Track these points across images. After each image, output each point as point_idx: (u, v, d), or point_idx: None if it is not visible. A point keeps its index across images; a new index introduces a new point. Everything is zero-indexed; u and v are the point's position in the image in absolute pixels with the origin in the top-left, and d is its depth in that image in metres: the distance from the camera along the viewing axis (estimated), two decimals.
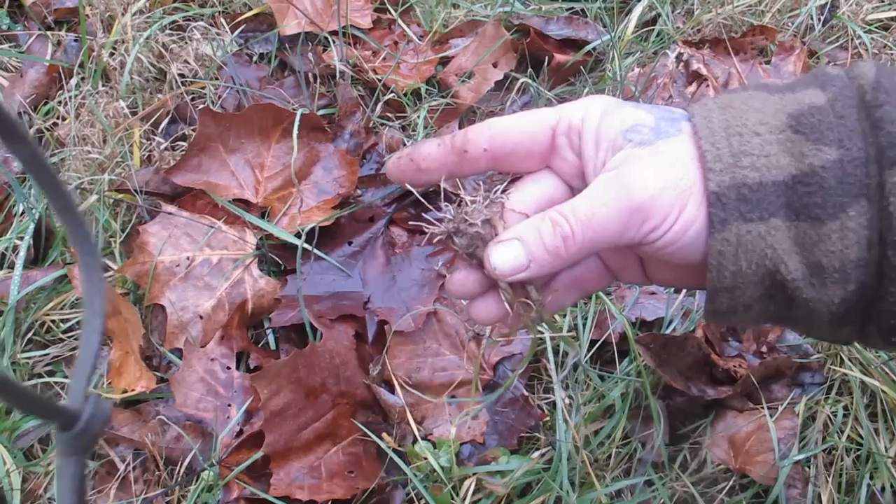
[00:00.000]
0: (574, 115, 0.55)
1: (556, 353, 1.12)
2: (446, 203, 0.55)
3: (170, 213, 1.26)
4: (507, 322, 0.57)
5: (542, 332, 0.56)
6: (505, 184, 0.56)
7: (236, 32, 1.58)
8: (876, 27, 1.62)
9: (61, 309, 1.22)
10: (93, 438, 0.37)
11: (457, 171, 0.57)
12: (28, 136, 0.35)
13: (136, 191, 1.30)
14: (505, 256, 0.51)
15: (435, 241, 0.56)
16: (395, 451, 1.07)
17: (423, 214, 0.57)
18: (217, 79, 1.51)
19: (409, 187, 0.58)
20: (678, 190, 0.49)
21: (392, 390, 1.13)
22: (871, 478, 1.04)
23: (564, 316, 1.17)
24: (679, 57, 1.52)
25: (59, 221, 1.28)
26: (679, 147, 0.51)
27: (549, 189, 0.57)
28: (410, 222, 1.29)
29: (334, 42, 1.53)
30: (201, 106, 1.45)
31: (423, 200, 0.63)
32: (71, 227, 0.40)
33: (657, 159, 0.50)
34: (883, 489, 1.03)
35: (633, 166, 0.50)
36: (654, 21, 1.64)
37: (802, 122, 0.49)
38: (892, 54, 1.56)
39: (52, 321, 1.21)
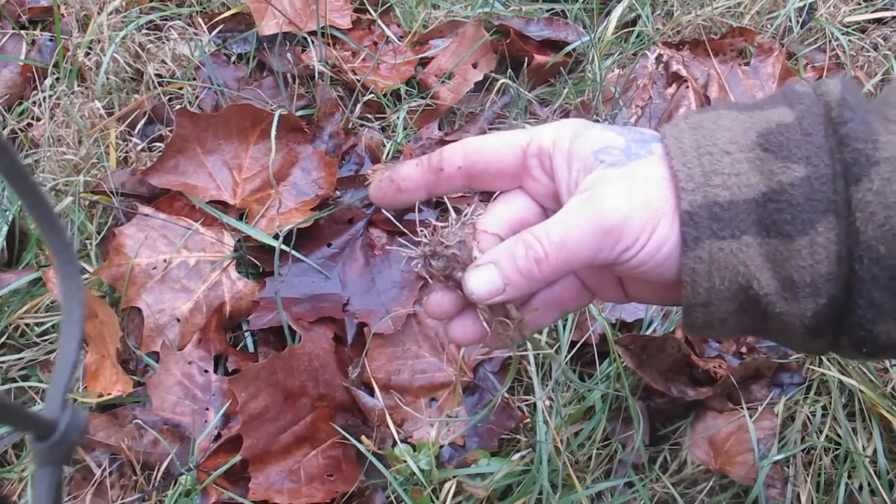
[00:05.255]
0: (544, 138, 0.55)
1: (536, 355, 1.11)
2: (422, 228, 0.56)
3: (146, 215, 1.24)
4: (486, 341, 0.57)
5: (524, 347, 0.57)
6: (474, 205, 0.57)
7: (214, 32, 1.57)
8: (853, 29, 1.63)
9: (36, 312, 1.20)
10: (70, 448, 0.37)
11: (434, 190, 0.58)
12: (6, 143, 0.35)
13: (111, 192, 1.28)
14: (481, 281, 0.52)
15: (412, 264, 0.57)
16: (374, 454, 1.06)
17: (399, 239, 0.59)
18: (194, 79, 1.49)
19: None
20: (650, 210, 0.50)
21: (371, 393, 1.12)
22: (850, 477, 1.05)
23: None
24: (659, 58, 1.53)
25: (37, 229, 1.27)
26: (650, 168, 0.52)
27: (521, 209, 0.58)
28: (388, 245, 1.29)
29: (313, 42, 1.52)
30: (178, 106, 1.44)
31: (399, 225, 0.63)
32: (49, 235, 0.40)
33: (629, 180, 0.51)
34: (861, 488, 1.04)
35: (606, 187, 0.51)
36: (633, 22, 1.64)
37: (771, 140, 0.50)
38: (869, 56, 1.57)
39: (27, 324, 1.19)
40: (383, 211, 0.86)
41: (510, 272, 0.52)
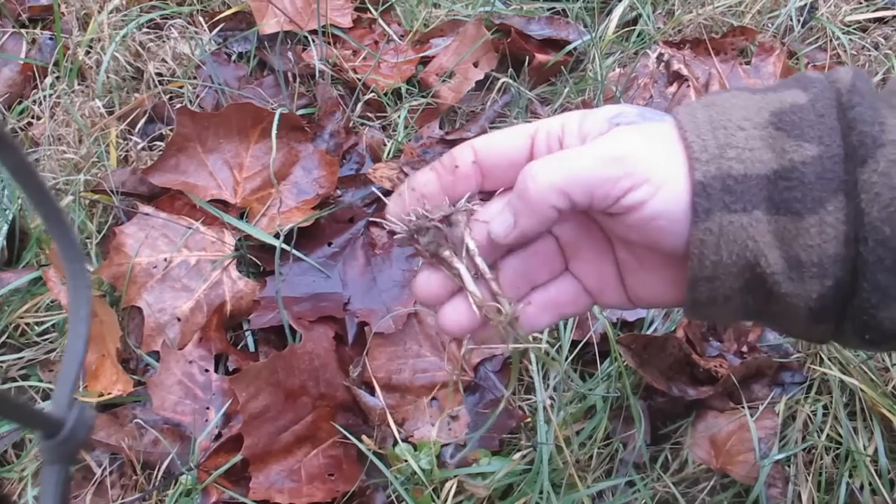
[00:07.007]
0: (552, 125, 0.55)
1: (537, 352, 1.11)
2: (412, 207, 0.56)
3: (147, 214, 1.24)
4: (478, 332, 0.56)
5: (521, 344, 0.55)
6: (468, 194, 0.56)
7: (215, 31, 1.57)
8: (854, 28, 1.63)
9: (36, 311, 1.20)
10: (77, 446, 0.37)
11: (453, 193, 0.57)
12: (14, 141, 0.35)
13: (112, 191, 1.28)
14: (496, 222, 0.54)
15: (396, 238, 0.56)
16: (375, 453, 1.06)
17: (386, 214, 0.58)
18: (195, 78, 1.49)
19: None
20: (666, 156, 0.50)
21: (372, 392, 1.12)
22: (851, 476, 1.05)
23: None
24: (660, 57, 1.53)
25: (40, 228, 1.27)
26: (666, 129, 0.52)
27: None
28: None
29: (314, 41, 1.52)
30: (179, 105, 1.44)
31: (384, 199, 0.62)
32: (56, 232, 0.40)
33: (645, 132, 0.52)
34: (862, 487, 1.04)
35: (619, 133, 0.52)
36: (634, 21, 1.64)
37: (784, 119, 0.49)
38: (870, 55, 1.57)
39: (27, 324, 1.19)
40: (382, 197, 0.86)
41: (513, 201, 0.52)
